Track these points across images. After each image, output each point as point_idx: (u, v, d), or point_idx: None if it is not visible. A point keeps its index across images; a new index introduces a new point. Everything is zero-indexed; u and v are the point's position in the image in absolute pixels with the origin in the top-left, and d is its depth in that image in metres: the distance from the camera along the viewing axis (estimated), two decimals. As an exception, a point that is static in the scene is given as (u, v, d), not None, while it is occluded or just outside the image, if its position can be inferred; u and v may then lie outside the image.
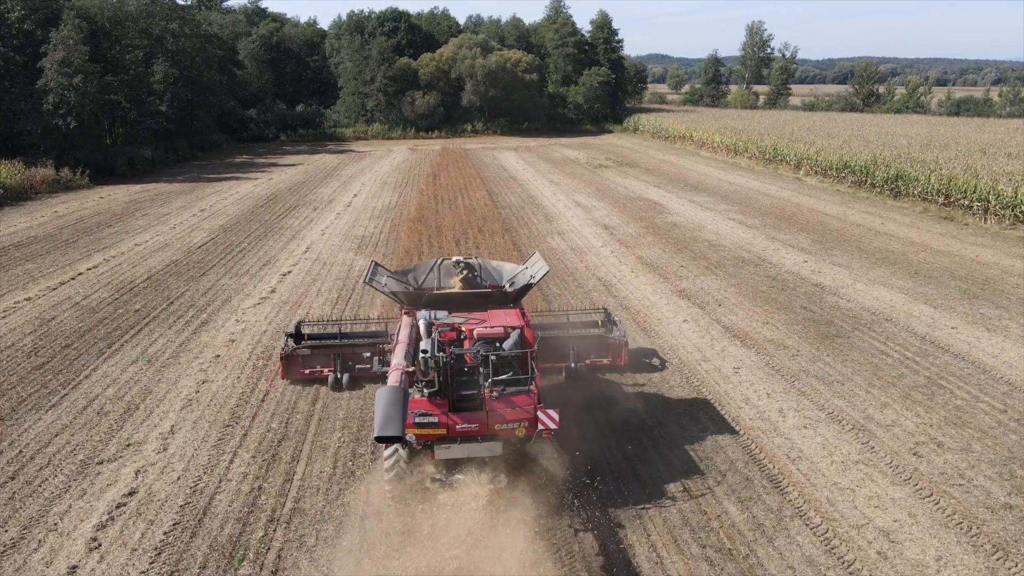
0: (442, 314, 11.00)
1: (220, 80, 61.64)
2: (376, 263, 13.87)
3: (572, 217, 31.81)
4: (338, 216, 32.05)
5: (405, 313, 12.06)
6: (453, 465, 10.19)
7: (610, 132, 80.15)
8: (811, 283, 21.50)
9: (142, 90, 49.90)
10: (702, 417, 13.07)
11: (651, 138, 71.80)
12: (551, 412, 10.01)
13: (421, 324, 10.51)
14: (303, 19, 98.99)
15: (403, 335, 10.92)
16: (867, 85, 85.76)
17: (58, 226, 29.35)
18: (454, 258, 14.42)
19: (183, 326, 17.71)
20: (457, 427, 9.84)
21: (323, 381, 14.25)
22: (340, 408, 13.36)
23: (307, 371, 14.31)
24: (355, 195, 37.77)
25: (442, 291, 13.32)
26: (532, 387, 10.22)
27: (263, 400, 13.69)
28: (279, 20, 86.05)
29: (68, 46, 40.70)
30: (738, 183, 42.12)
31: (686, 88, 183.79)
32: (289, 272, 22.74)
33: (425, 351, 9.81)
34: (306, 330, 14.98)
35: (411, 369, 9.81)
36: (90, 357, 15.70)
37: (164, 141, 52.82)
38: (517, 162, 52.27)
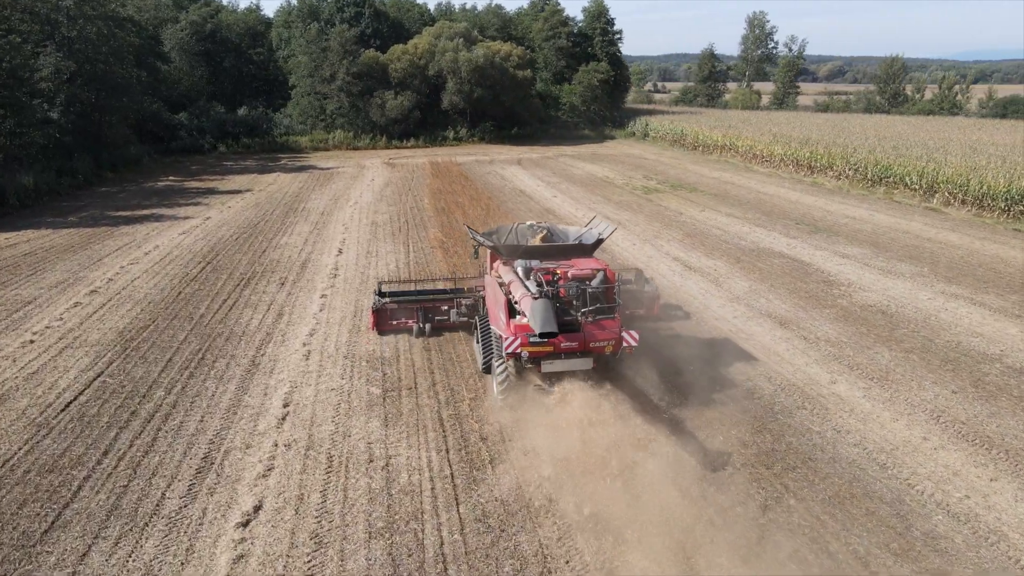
0: (535, 262, 13.13)
1: (137, 76, 47.31)
2: (468, 226, 16.63)
3: (701, 296, 19.88)
4: (324, 302, 19.20)
5: (503, 263, 13.72)
6: (552, 380, 11.93)
7: (612, 138, 68.55)
8: None
9: (22, 90, 35.83)
10: None
11: (670, 146, 60.42)
12: (632, 332, 11.89)
13: (519, 270, 12.90)
14: (243, 4, 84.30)
15: (509, 278, 12.80)
16: (893, 84, 76.34)
17: None
18: (528, 223, 15.90)
19: None
20: (562, 344, 11.67)
21: None
22: None
23: (394, 322, 16.47)
24: (339, 251, 24.93)
25: (534, 245, 14.51)
26: (616, 314, 12.15)
27: None
28: (213, 5, 71.38)
29: None
30: (859, 217, 30.94)
31: (647, 86, 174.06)
32: (244, 543, 9.96)
33: (540, 284, 12.18)
34: (386, 289, 16.99)
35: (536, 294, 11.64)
36: None
37: (59, 159, 38.76)
38: (535, 183, 40.02)
